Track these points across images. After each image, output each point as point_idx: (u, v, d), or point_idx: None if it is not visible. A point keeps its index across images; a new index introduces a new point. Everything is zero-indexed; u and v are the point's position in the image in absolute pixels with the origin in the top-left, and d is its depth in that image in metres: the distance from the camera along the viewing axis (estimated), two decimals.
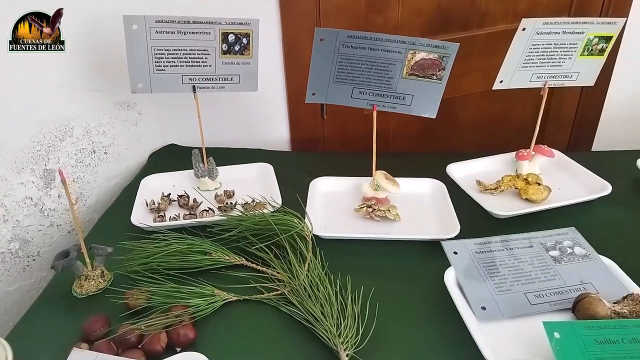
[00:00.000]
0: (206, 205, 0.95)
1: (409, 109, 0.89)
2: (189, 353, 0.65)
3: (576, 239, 0.83)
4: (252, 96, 1.23)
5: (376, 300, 0.76)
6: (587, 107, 1.55)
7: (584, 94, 1.54)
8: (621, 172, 1.07)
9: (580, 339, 0.63)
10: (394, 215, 0.93)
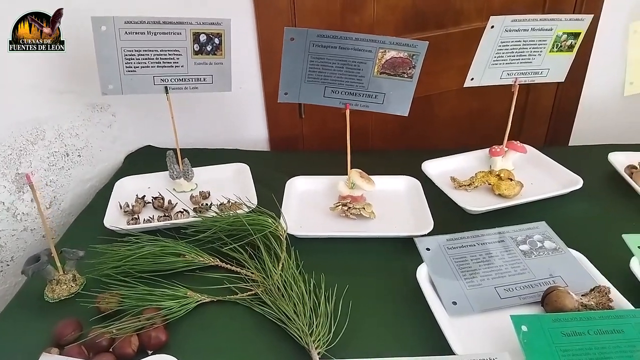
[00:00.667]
0: (181, 207, 0.95)
1: (381, 107, 0.90)
2: (160, 356, 0.65)
3: (546, 233, 0.85)
4: (229, 96, 1.22)
5: (350, 297, 0.77)
6: (563, 103, 1.57)
7: (560, 89, 1.56)
8: (593, 167, 1.09)
9: (547, 331, 0.64)
10: (369, 213, 0.93)
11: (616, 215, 0.94)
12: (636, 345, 0.63)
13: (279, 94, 0.88)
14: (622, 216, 0.94)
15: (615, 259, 0.79)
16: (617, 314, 0.66)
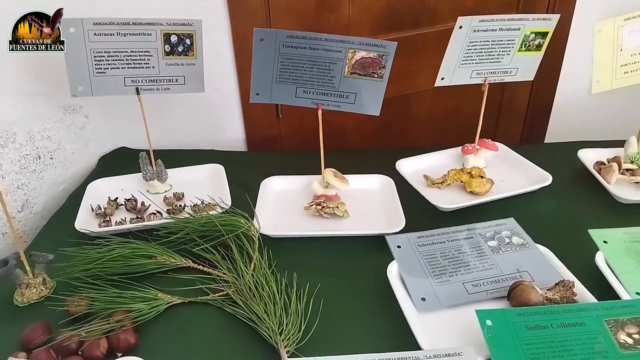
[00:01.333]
0: (154, 209, 0.95)
1: (352, 107, 0.91)
2: (128, 358, 0.65)
3: (514, 229, 0.86)
4: (205, 97, 1.22)
5: (321, 296, 0.77)
6: (538, 101, 1.60)
7: (535, 88, 1.58)
8: (564, 164, 1.11)
9: (512, 325, 0.65)
10: (343, 212, 0.94)
11: (584, 211, 0.96)
12: (597, 337, 0.64)
13: (250, 94, 0.89)
14: (590, 212, 0.96)
15: (581, 253, 0.81)
16: (580, 307, 0.68)
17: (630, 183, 1.00)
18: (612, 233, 0.83)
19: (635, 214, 0.94)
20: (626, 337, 0.64)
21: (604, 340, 0.64)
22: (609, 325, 0.66)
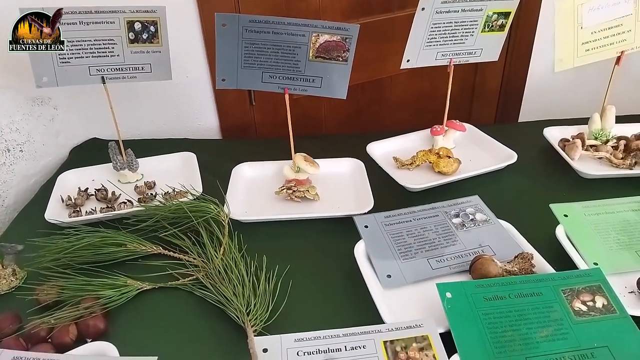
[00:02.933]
0: (125, 198, 0.95)
1: (319, 91, 0.91)
2: (97, 343, 0.66)
3: (478, 205, 0.89)
4: (177, 86, 1.22)
5: (290, 277, 0.79)
6: (510, 82, 1.62)
7: (507, 69, 1.60)
8: (530, 142, 1.13)
9: (470, 297, 0.68)
10: (313, 195, 0.95)
11: (548, 187, 0.99)
12: (553, 306, 0.67)
13: (216, 80, 0.89)
14: (554, 188, 0.99)
15: (542, 228, 0.84)
16: (537, 278, 0.70)
17: (593, 159, 1.03)
18: (573, 207, 0.86)
19: (597, 188, 0.97)
20: (581, 304, 0.67)
21: (560, 309, 0.66)
22: (565, 294, 0.68)
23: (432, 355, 0.62)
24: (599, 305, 0.67)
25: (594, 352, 0.62)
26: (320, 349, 0.63)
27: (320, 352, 0.63)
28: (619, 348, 0.62)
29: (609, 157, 1.01)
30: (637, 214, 0.84)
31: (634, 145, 1.02)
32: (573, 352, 0.62)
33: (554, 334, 0.64)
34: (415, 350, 0.63)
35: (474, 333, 0.64)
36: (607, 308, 0.67)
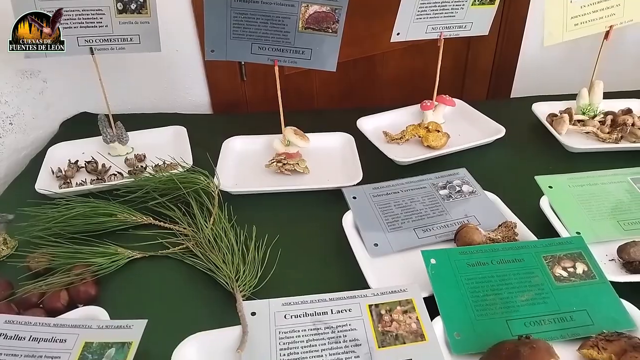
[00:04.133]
0: (115, 170, 0.95)
1: (309, 62, 0.91)
2: (88, 307, 0.67)
3: (465, 178, 0.90)
4: (167, 61, 1.22)
5: (279, 246, 0.80)
6: (503, 59, 1.62)
7: (500, 46, 1.60)
8: (520, 117, 1.14)
9: (454, 263, 0.69)
10: (303, 169, 0.96)
11: (535, 161, 1.00)
12: (534, 272, 0.69)
13: (205, 51, 0.88)
14: (541, 161, 1.00)
15: (528, 199, 0.85)
16: (519, 245, 0.72)
17: (580, 133, 1.04)
18: (557, 179, 0.87)
19: (584, 162, 0.98)
20: (562, 270, 0.69)
21: (541, 274, 0.68)
22: (547, 260, 0.70)
23: (415, 318, 0.63)
24: (579, 271, 0.69)
25: (572, 315, 0.64)
26: (307, 312, 0.65)
27: (307, 315, 0.64)
28: (597, 311, 0.64)
29: (595, 132, 1.02)
30: (620, 186, 0.86)
31: (620, 120, 1.03)
32: (552, 315, 0.64)
33: (534, 298, 0.66)
34: (399, 313, 0.64)
35: (456, 297, 0.65)
36: (587, 274, 0.68)
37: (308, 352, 0.60)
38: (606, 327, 0.62)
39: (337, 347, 0.61)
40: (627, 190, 0.85)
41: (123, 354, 0.60)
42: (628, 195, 0.84)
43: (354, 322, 0.64)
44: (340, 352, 0.60)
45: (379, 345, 0.61)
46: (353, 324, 0.63)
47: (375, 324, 0.63)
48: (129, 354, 0.60)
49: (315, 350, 0.61)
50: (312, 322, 0.64)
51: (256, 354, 0.60)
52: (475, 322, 0.63)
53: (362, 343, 0.61)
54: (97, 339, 0.61)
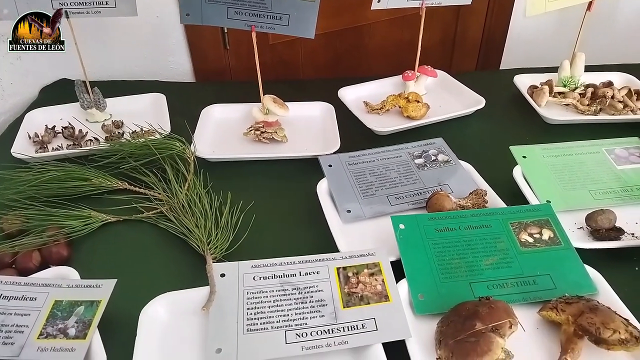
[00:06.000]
0: (92, 136, 0.95)
1: (287, 29, 0.90)
2: (59, 267, 0.68)
3: (442, 147, 0.90)
4: (148, 27, 1.20)
5: (254, 212, 0.81)
6: (492, 31, 1.60)
7: (489, 18, 1.58)
8: (502, 89, 1.14)
9: (422, 228, 0.70)
10: (281, 137, 0.96)
11: (514, 132, 1.01)
12: (500, 237, 0.70)
13: (180, 14, 0.87)
14: (519, 133, 1.00)
15: (502, 169, 0.86)
16: (487, 212, 0.73)
17: (560, 105, 1.04)
18: (531, 149, 0.87)
19: (562, 134, 0.98)
20: (527, 236, 0.70)
21: (507, 240, 0.69)
22: (513, 227, 0.71)
23: (381, 280, 0.65)
24: (545, 237, 0.70)
25: (535, 279, 0.65)
26: (276, 274, 0.66)
27: (275, 277, 0.66)
28: (560, 276, 0.66)
29: (575, 104, 1.02)
30: (594, 157, 0.87)
31: (600, 92, 1.03)
32: (516, 279, 0.65)
33: (499, 262, 0.67)
34: (366, 275, 0.65)
35: (422, 260, 0.66)
36: (553, 240, 0.70)
37: (274, 311, 0.62)
38: (568, 291, 0.64)
39: (303, 307, 0.62)
40: (601, 161, 0.86)
41: (92, 311, 0.61)
42: (601, 165, 0.85)
43: (321, 283, 0.65)
44: (306, 311, 0.62)
45: (344, 305, 0.62)
46: (320, 286, 0.65)
47: (341, 286, 0.65)
48: (97, 311, 0.61)
49: (282, 310, 0.62)
50: (280, 283, 0.65)
51: (224, 313, 0.61)
52: (439, 284, 0.64)
53: (327, 303, 0.63)
54: (67, 297, 0.62)
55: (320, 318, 0.61)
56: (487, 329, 0.55)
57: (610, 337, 0.55)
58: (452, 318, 0.58)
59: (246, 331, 0.59)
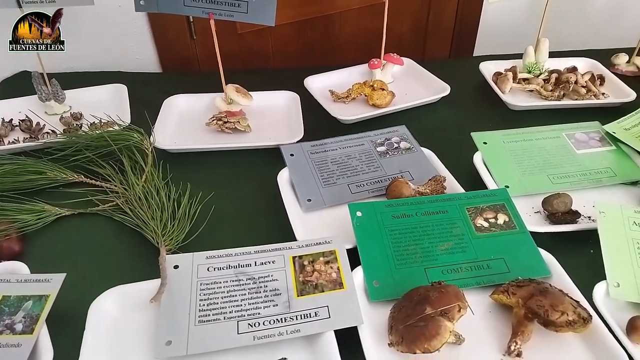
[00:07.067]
0: (49, 128, 0.93)
1: (246, 17, 0.88)
2: (8, 262, 0.66)
3: (404, 135, 0.90)
4: (110, 17, 1.17)
5: (213, 203, 0.80)
6: (464, 19, 1.60)
7: (461, 5, 1.57)
8: (468, 76, 1.14)
9: (379, 215, 0.70)
10: (244, 127, 0.95)
11: (478, 119, 1.01)
12: (456, 223, 0.70)
13: (134, 2, 0.85)
14: (484, 119, 1.00)
15: (464, 155, 0.86)
16: (444, 198, 0.73)
17: (524, 91, 1.04)
18: (492, 135, 0.88)
19: (526, 119, 0.99)
20: (483, 221, 0.70)
21: (462, 225, 0.70)
22: (470, 212, 0.71)
23: (336, 268, 0.65)
24: (501, 222, 0.70)
25: (489, 263, 0.66)
26: (231, 264, 0.65)
27: (230, 268, 0.65)
28: (514, 259, 0.66)
29: (538, 90, 1.02)
30: (554, 142, 0.87)
31: (564, 77, 1.04)
32: (470, 263, 0.66)
33: (454, 247, 0.67)
34: (321, 263, 0.65)
35: (379, 247, 0.66)
36: (508, 224, 0.70)
37: (228, 301, 0.61)
38: (522, 274, 0.64)
39: (257, 297, 0.62)
40: (560, 146, 0.86)
41: (40, 306, 0.60)
42: (560, 150, 0.86)
43: (276, 273, 0.64)
44: (259, 301, 0.61)
45: (298, 294, 0.62)
46: (275, 275, 0.64)
47: (297, 275, 0.64)
48: (45, 306, 0.60)
49: (235, 300, 0.61)
50: (234, 274, 0.64)
51: (175, 305, 0.60)
52: (394, 271, 0.64)
53: (282, 292, 0.62)
54: (15, 292, 0.61)
55: (273, 307, 0.60)
56: (436, 313, 0.55)
57: (558, 319, 0.55)
58: (404, 303, 0.58)
59: (198, 322, 0.59)
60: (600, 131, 0.90)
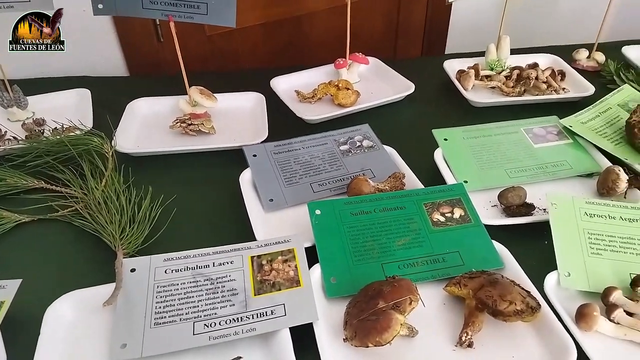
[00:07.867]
0: (11, 135, 0.92)
1: (206, 18, 0.89)
2: None
3: (367, 133, 0.91)
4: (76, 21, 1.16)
5: (175, 205, 0.80)
6: (434, 18, 1.62)
7: (431, 5, 1.59)
8: (433, 75, 1.15)
9: (338, 213, 0.71)
10: (209, 129, 0.95)
11: (441, 116, 1.02)
12: (414, 218, 0.71)
13: (92, 6, 0.85)
14: (447, 117, 1.02)
15: (426, 152, 0.87)
16: (402, 194, 0.74)
17: (486, 88, 1.06)
18: (453, 131, 0.89)
19: (488, 116, 1.00)
20: (440, 216, 0.71)
21: (419, 220, 0.71)
22: (427, 207, 0.72)
23: (294, 266, 0.65)
24: (457, 216, 0.71)
25: (445, 257, 0.67)
26: (189, 266, 0.65)
27: (188, 269, 0.65)
28: (469, 252, 0.67)
29: (500, 86, 1.04)
30: (512, 137, 0.89)
31: (525, 74, 1.06)
32: (426, 257, 0.67)
33: (410, 242, 0.68)
34: (279, 262, 0.66)
35: (337, 244, 0.67)
36: (464, 218, 0.71)
37: (184, 303, 0.61)
38: (476, 266, 0.65)
39: (214, 298, 0.62)
40: (518, 141, 0.88)
41: None
42: (518, 145, 0.87)
43: (234, 273, 0.65)
44: (217, 301, 0.62)
45: (255, 293, 0.62)
46: (233, 275, 0.65)
47: (254, 274, 0.65)
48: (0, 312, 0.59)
49: (192, 301, 0.61)
50: (192, 275, 0.64)
51: (130, 308, 0.60)
52: (352, 267, 0.65)
53: (239, 292, 0.63)
54: None
55: (230, 307, 0.61)
56: (388, 306, 0.56)
57: (506, 308, 0.57)
58: (358, 299, 0.59)
59: (153, 325, 0.59)
60: (558, 125, 0.92)
